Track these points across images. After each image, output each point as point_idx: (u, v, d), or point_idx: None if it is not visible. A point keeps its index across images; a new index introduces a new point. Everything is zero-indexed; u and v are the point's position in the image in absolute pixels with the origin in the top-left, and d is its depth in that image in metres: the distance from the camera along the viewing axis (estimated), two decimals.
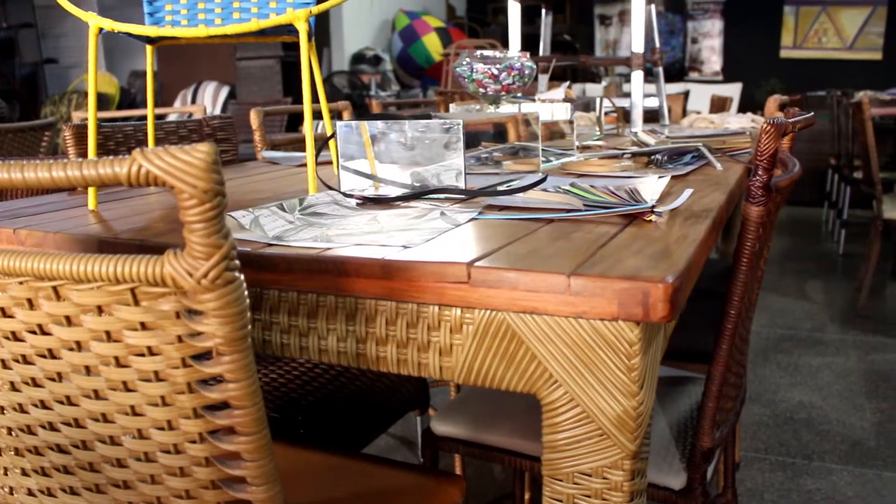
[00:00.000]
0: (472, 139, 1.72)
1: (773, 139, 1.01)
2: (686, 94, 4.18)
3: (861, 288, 3.65)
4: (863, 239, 4.96)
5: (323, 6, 1.13)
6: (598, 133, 2.23)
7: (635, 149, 1.70)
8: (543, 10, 2.62)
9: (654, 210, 0.90)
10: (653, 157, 1.50)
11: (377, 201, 1.08)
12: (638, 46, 2.21)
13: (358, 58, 7.34)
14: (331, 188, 1.13)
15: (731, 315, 1.10)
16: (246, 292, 0.61)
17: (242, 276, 0.61)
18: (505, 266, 0.71)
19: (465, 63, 1.82)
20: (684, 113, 3.15)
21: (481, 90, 1.82)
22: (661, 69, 2.52)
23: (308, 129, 1.12)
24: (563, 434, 0.74)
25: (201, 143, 0.58)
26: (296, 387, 1.43)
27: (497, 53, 1.81)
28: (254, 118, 1.89)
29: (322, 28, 7.13)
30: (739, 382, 1.39)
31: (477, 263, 0.72)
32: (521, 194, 1.10)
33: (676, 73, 8.48)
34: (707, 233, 0.87)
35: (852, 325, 3.36)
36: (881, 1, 7.91)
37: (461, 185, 1.12)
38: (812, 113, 1.23)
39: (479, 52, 1.82)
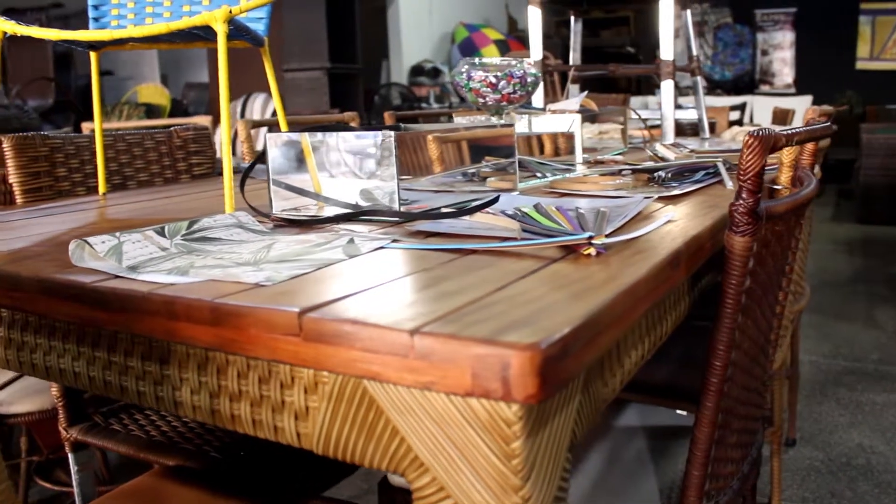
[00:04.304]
0: (474, 153, 1.57)
1: (757, 155, 0.82)
2: (742, 107, 3.91)
3: None
4: None
5: (245, 6, 1.00)
6: (623, 147, 2.04)
7: (650, 164, 1.51)
8: (573, 18, 2.44)
9: (592, 242, 0.72)
10: (655, 174, 1.31)
11: (296, 224, 0.94)
12: (667, 54, 2.01)
13: (416, 70, 7.24)
14: (255, 209, 0.99)
15: (716, 368, 0.91)
16: None
17: None
18: (344, 317, 0.55)
19: (462, 71, 1.66)
20: (732, 125, 2.91)
21: (480, 100, 1.65)
22: (699, 79, 2.31)
23: (225, 140, 0.98)
24: None
25: None
26: None
27: (497, 60, 1.65)
28: (241, 129, 1.77)
29: (380, 40, 7.07)
30: (749, 440, 1.19)
31: (312, 313, 0.56)
32: (465, 217, 0.93)
33: (746, 85, 8.11)
34: (653, 272, 0.69)
35: None
36: None
37: (396, 207, 0.96)
38: (828, 123, 1.03)
39: (477, 60, 1.66)
